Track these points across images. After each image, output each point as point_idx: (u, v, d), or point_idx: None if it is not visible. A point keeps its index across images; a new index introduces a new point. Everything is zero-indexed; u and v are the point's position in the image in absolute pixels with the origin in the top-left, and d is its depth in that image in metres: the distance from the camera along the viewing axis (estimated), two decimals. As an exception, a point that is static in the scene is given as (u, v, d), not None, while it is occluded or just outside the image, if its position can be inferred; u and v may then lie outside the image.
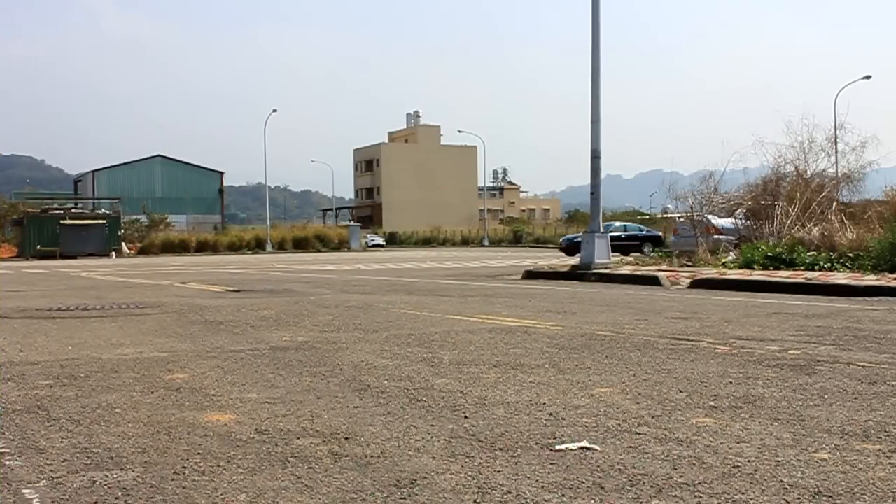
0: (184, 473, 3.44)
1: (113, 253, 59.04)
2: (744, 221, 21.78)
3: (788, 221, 19.80)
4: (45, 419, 4.50)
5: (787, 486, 3.16)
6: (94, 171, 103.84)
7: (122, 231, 65.92)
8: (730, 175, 22.77)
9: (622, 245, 44.00)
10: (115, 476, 3.42)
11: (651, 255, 40.15)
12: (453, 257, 43.51)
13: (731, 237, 21.21)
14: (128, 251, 62.86)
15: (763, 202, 21.36)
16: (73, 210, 68.29)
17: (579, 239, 42.78)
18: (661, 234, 51.34)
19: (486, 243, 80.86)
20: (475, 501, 3.05)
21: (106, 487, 3.27)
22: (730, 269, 16.78)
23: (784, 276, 14.60)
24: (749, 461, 3.50)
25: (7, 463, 3.64)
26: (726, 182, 22.78)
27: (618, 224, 48.09)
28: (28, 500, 3.15)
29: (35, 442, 4.00)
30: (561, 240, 48.95)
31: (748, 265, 16.82)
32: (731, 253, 19.24)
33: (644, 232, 47.31)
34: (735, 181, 23.11)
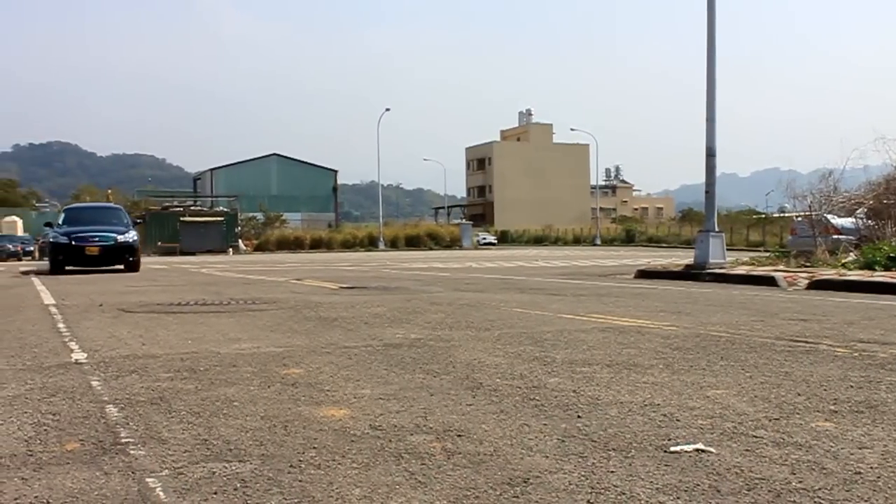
0: (300, 467, 3.51)
1: (230, 249, 60.36)
2: (865, 221, 21.15)
3: (913, 221, 19.18)
4: (166, 411, 4.63)
5: (911, 494, 3.07)
6: (212, 170, 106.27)
7: (239, 228, 67.33)
8: (849, 173, 22.11)
9: None
10: (233, 468, 3.50)
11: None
12: (565, 256, 43.33)
13: (850, 237, 20.62)
14: (244, 248, 64.14)
15: (886, 201, 20.70)
16: (192, 207, 70.05)
17: None
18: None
19: (598, 242, 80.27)
20: (588, 501, 3.04)
21: (225, 478, 3.35)
22: (850, 269, 16.31)
23: (908, 277, 14.15)
24: (872, 468, 3.41)
25: (132, 452, 3.76)
26: (846, 180, 22.15)
27: None
28: (151, 488, 3.24)
29: (157, 433, 4.12)
30: None
31: (869, 266, 16.34)
32: (850, 253, 18.71)
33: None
34: (855, 180, 22.46)
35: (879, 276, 14.78)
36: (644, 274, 20.04)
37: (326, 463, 3.56)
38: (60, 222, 27.74)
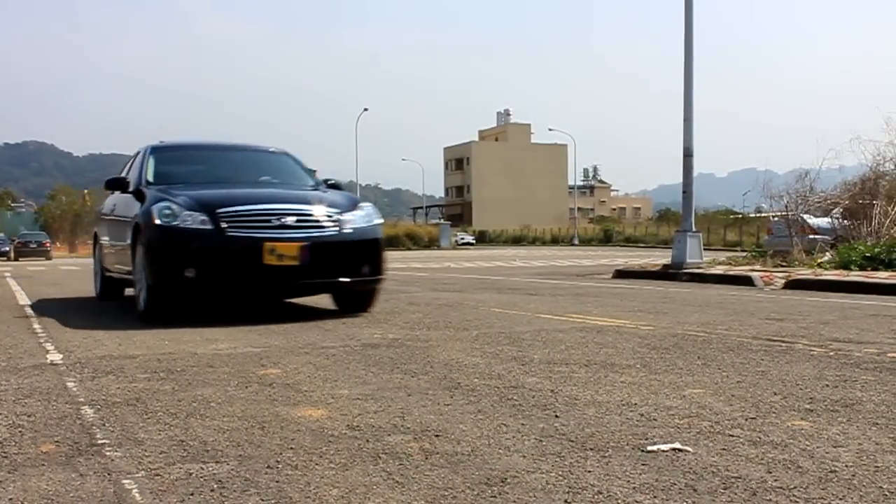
0: (277, 467, 3.50)
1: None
2: (840, 221, 21.31)
3: (887, 221, 19.32)
4: (143, 412, 4.61)
5: (886, 493, 3.08)
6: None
7: (217, 228, 66.83)
8: (826, 174, 22.31)
9: None
10: (210, 469, 3.48)
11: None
12: (543, 256, 43.41)
13: (826, 237, 20.77)
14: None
15: (861, 201, 20.87)
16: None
17: None
18: None
19: (576, 242, 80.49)
20: (565, 501, 3.04)
21: (202, 479, 3.34)
22: (826, 269, 16.42)
23: (883, 276, 14.25)
24: (847, 466, 3.43)
25: (107, 453, 3.74)
26: (822, 181, 22.34)
27: None
28: (127, 489, 3.22)
29: (134, 434, 4.09)
30: None
31: (845, 266, 16.45)
32: (826, 253, 18.83)
33: None
34: (831, 180, 22.66)
35: (855, 275, 14.88)
36: (622, 274, 20.12)
37: (304, 463, 3.55)
38: (151, 178, 10.79)
